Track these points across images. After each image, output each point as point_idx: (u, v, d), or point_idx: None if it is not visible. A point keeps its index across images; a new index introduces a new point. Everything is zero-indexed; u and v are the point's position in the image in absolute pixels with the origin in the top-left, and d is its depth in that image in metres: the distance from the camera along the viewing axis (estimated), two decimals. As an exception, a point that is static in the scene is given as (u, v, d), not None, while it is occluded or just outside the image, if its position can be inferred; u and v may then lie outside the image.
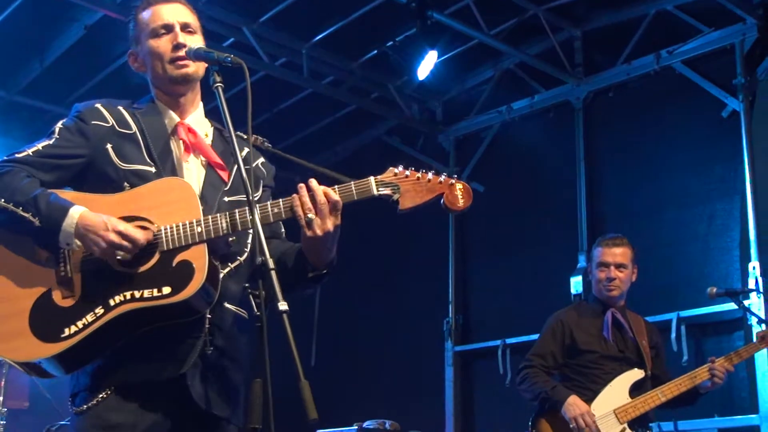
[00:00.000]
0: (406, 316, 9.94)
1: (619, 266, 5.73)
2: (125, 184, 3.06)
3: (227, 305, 3.08)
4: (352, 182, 3.04)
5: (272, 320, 2.63)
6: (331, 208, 2.99)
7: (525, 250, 9.13)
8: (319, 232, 2.98)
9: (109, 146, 3.11)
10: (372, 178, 3.05)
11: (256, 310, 2.81)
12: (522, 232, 9.22)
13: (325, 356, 10.52)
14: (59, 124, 3.18)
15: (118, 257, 2.91)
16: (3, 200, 2.96)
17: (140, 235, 2.92)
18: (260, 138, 3.35)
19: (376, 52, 9.20)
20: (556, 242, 8.96)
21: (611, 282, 5.71)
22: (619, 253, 5.75)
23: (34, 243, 3.00)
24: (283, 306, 2.58)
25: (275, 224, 3.22)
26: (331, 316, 10.73)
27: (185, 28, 3.24)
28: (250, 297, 2.98)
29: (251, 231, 3.06)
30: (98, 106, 3.22)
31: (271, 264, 2.68)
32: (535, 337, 6.02)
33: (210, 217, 2.97)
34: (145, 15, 3.28)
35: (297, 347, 2.56)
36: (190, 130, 3.23)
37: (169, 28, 3.22)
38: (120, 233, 2.89)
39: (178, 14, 3.26)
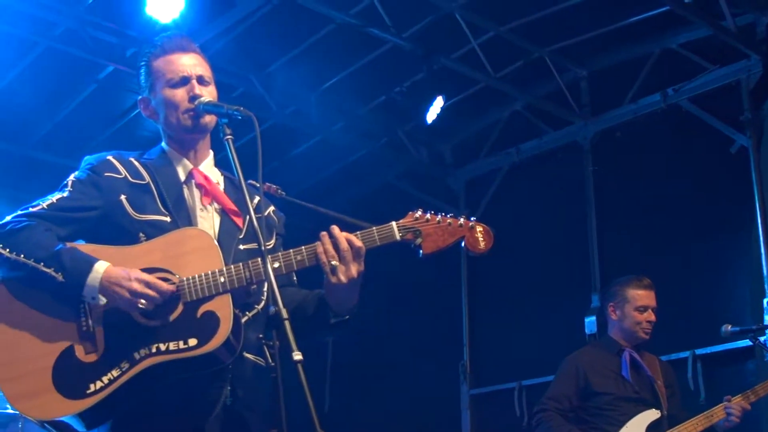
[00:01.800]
0: (420, 359, 9.89)
1: (654, 309, 5.72)
2: (140, 234, 3.06)
3: (246, 355, 3.07)
4: (374, 228, 3.05)
5: (287, 368, 2.63)
6: (355, 255, 2.99)
7: (538, 290, 9.10)
8: (343, 279, 2.98)
9: (122, 197, 3.11)
10: (394, 223, 3.05)
11: (270, 361, 2.81)
12: (534, 272, 9.20)
13: (340, 400, 10.47)
14: (72, 177, 3.18)
15: (141, 306, 2.89)
16: (23, 256, 2.95)
17: (164, 285, 2.91)
18: (273, 186, 3.37)
19: (384, 97, 9.27)
20: (568, 282, 8.94)
21: (651, 325, 5.70)
22: (654, 296, 5.75)
23: (54, 298, 2.98)
24: (297, 356, 2.58)
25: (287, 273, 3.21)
26: (344, 360, 10.69)
27: (201, 80, 3.26)
28: (264, 347, 2.99)
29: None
30: (110, 158, 3.23)
31: (284, 314, 2.67)
32: (550, 378, 5.97)
33: (233, 266, 2.96)
34: (161, 64, 3.28)
35: (311, 393, 2.56)
36: (204, 176, 3.25)
37: (185, 80, 3.24)
38: (142, 281, 2.89)
39: (195, 66, 3.28)
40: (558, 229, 9.22)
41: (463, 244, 3.08)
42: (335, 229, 3.01)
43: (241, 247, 3.14)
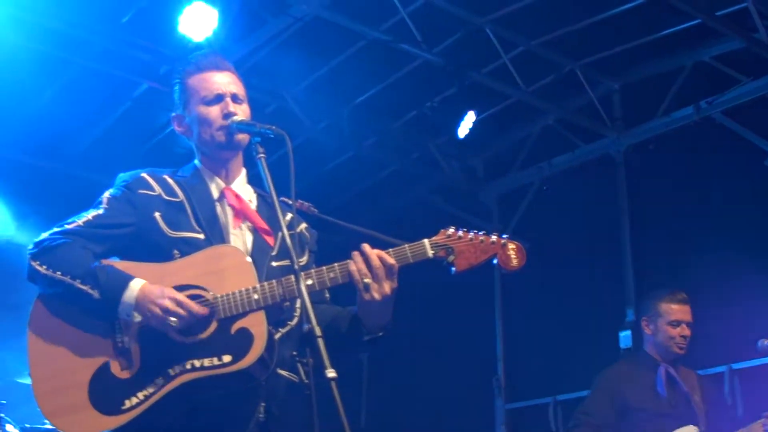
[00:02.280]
0: (454, 374, 9.87)
1: (689, 324, 5.66)
2: (174, 251, 3.08)
3: (280, 371, 3.07)
4: (407, 245, 3.04)
5: (322, 384, 2.64)
6: (387, 272, 2.99)
7: (572, 305, 9.06)
8: (377, 296, 2.99)
9: (157, 214, 3.13)
10: (426, 241, 3.05)
11: (304, 378, 2.82)
12: (568, 286, 9.16)
13: (376, 416, 10.46)
14: (107, 194, 3.21)
15: (171, 323, 2.91)
16: (60, 273, 2.98)
17: (196, 307, 2.93)
18: (306, 203, 3.37)
19: (415, 113, 9.29)
20: (602, 296, 8.89)
21: (686, 340, 5.65)
22: (689, 310, 5.69)
23: (90, 315, 3.00)
24: (331, 373, 2.59)
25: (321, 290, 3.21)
26: (380, 375, 10.69)
27: (235, 98, 3.29)
28: (298, 364, 3.00)
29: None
30: (144, 175, 3.26)
31: (318, 331, 2.68)
32: (585, 393, 5.94)
33: (266, 283, 2.97)
34: (195, 81, 3.31)
35: (346, 409, 2.56)
36: (236, 196, 3.27)
37: (220, 98, 3.26)
38: (174, 300, 2.91)
39: (229, 84, 3.30)
40: (591, 243, 9.18)
41: (495, 261, 3.07)
42: (367, 247, 3.01)
43: (274, 264, 3.15)
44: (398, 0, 7.56)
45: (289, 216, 3.17)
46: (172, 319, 2.90)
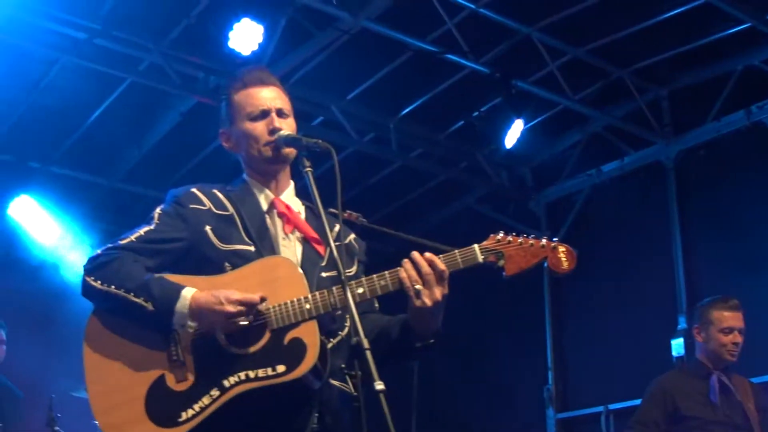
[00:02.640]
0: (505, 384, 9.84)
1: (741, 330, 5.60)
2: (226, 264, 3.10)
3: (333, 381, 3.07)
4: (456, 251, 3.04)
5: (372, 396, 2.65)
6: (438, 278, 2.99)
7: (622, 313, 8.99)
8: (428, 302, 2.99)
9: (207, 228, 3.16)
10: (476, 246, 3.05)
11: (353, 390, 2.83)
12: (619, 295, 9.10)
13: (426, 425, 10.43)
14: (158, 210, 3.24)
15: (242, 324, 2.92)
16: (113, 287, 3.02)
17: (255, 297, 2.94)
18: (354, 213, 3.39)
19: (462, 122, 9.30)
20: (653, 304, 8.82)
21: (737, 347, 5.58)
22: (741, 317, 5.62)
23: (144, 327, 3.03)
24: (379, 386, 2.60)
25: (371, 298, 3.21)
26: (430, 387, 10.66)
27: (280, 113, 3.32)
28: (347, 377, 3.01)
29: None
30: (194, 190, 3.29)
31: (365, 344, 2.69)
32: (638, 402, 5.89)
33: (318, 293, 2.98)
34: (241, 97, 3.34)
35: (397, 418, 2.57)
36: (285, 206, 3.29)
37: (265, 114, 3.29)
38: (234, 301, 2.92)
39: (274, 99, 3.32)
40: (642, 250, 9.11)
41: (546, 264, 3.07)
42: (417, 253, 3.02)
43: (324, 274, 3.17)
44: (444, 10, 7.58)
45: (336, 227, 3.18)
46: (242, 320, 2.92)
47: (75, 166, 9.25)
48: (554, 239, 3.12)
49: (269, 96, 3.33)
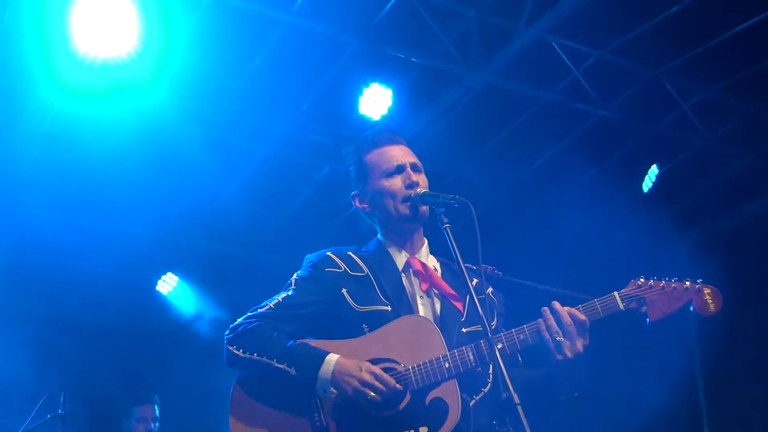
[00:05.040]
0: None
1: None
2: (363, 325, 3.13)
3: (477, 439, 3.06)
4: (596, 300, 3.00)
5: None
6: (579, 329, 2.96)
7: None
8: (569, 354, 2.95)
9: (344, 291, 3.20)
10: (616, 293, 3.01)
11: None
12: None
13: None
14: (295, 276, 3.31)
15: (369, 398, 2.94)
16: (256, 355, 3.08)
17: (392, 381, 2.95)
18: (489, 267, 3.38)
19: (595, 170, 9.17)
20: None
21: None
22: None
23: (287, 394, 3.07)
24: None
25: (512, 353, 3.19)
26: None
27: (414, 168, 3.35)
28: None
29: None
30: (329, 254, 3.34)
31: (516, 399, 2.67)
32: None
33: (456, 351, 2.98)
34: (374, 157, 3.40)
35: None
36: (421, 264, 3.30)
37: (401, 169, 3.33)
38: (373, 374, 2.95)
39: (407, 155, 3.38)
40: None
41: (691, 308, 2.98)
42: (557, 304, 2.99)
43: (464, 330, 3.16)
44: (570, 59, 7.54)
45: (474, 281, 3.17)
46: (372, 393, 2.93)
47: (212, 238, 9.44)
48: (699, 280, 3.03)
49: (402, 153, 3.38)
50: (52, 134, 7.29)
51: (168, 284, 9.63)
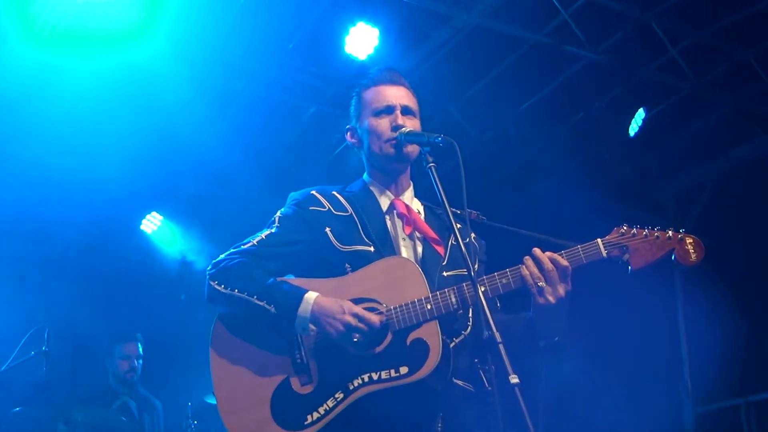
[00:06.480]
0: (637, 379, 9.61)
1: None
2: (346, 265, 3.13)
3: (455, 380, 3.08)
4: (579, 246, 3.01)
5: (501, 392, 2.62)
6: (561, 275, 2.97)
7: (759, 301, 8.69)
8: (551, 299, 2.97)
9: (327, 230, 3.20)
10: (599, 240, 3.01)
11: (486, 385, 2.81)
12: (755, 283, 8.79)
13: (555, 423, 10.30)
14: (278, 213, 3.31)
15: (354, 339, 2.95)
16: (237, 291, 3.08)
17: (375, 318, 2.97)
18: (474, 212, 3.37)
19: (582, 114, 9.14)
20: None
21: None
22: None
23: (268, 331, 3.08)
24: (514, 379, 2.59)
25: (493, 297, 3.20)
26: (558, 384, 10.51)
27: (405, 111, 3.33)
28: (480, 372, 2.99)
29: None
30: (313, 192, 3.34)
31: (498, 337, 2.67)
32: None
33: (438, 293, 2.98)
34: (369, 94, 3.39)
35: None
36: (406, 206, 3.30)
37: (390, 110, 3.32)
38: (356, 315, 2.95)
39: (401, 97, 3.36)
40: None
41: (673, 257, 2.99)
42: (537, 251, 2.99)
43: (445, 273, 3.16)
44: (559, 1, 7.47)
45: (458, 225, 3.17)
46: (357, 335, 2.94)
47: (197, 180, 9.40)
48: (681, 230, 3.03)
49: (396, 94, 3.36)
50: (31, 80, 7.21)
51: (152, 224, 9.61)
